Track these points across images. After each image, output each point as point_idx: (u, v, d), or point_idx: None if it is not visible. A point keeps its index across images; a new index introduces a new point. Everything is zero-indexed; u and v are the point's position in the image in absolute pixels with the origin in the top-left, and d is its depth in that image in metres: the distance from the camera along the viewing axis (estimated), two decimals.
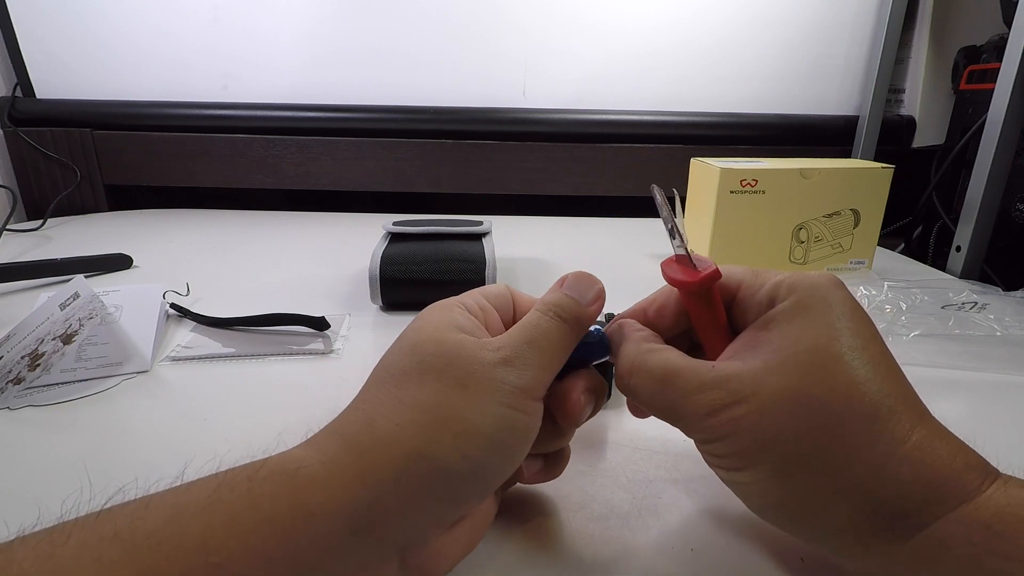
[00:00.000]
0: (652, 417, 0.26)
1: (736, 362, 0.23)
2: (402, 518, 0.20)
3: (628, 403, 0.27)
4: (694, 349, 0.27)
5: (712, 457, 0.23)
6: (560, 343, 0.24)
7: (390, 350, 0.24)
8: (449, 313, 0.25)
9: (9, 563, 0.16)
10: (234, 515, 0.18)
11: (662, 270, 0.26)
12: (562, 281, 0.26)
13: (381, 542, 0.20)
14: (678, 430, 0.27)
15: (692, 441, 0.28)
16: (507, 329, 0.25)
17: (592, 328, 0.26)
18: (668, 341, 0.26)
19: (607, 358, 0.26)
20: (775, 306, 0.23)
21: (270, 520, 0.18)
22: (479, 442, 0.21)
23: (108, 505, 0.18)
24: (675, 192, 0.26)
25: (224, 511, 0.18)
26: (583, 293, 0.25)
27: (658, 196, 0.25)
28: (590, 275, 0.26)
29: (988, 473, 0.20)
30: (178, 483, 0.20)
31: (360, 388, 0.24)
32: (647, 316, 0.27)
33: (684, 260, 0.25)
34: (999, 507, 0.19)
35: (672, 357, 0.24)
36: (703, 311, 0.25)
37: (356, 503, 0.19)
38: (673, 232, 0.25)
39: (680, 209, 0.25)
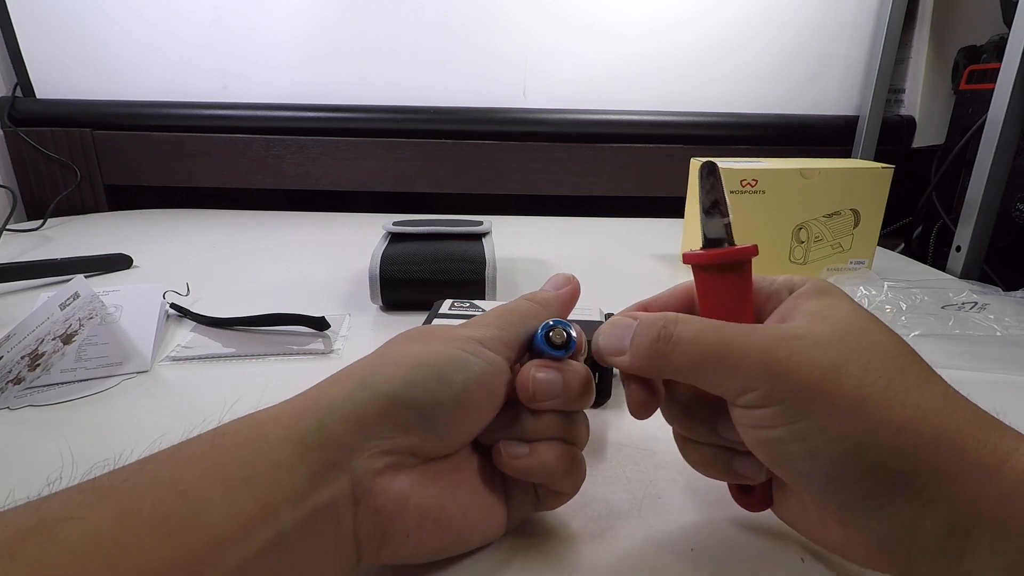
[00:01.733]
0: (652, 418, 0.26)
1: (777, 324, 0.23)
2: (345, 437, 0.21)
3: (629, 403, 0.25)
4: None
5: (756, 411, 0.21)
6: (521, 313, 0.26)
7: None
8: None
9: None
10: (200, 453, 0.20)
11: (685, 258, 0.25)
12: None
13: (330, 463, 0.21)
14: (676, 429, 0.27)
15: None
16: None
17: (555, 321, 0.26)
18: None
19: (571, 350, 0.25)
20: (794, 292, 0.24)
21: (231, 451, 0.20)
22: (420, 370, 0.23)
23: None
24: (717, 165, 0.25)
25: (191, 452, 0.20)
26: (555, 283, 0.29)
27: (707, 171, 0.25)
28: (563, 273, 0.29)
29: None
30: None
31: None
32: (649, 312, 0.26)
33: (716, 243, 0.25)
34: None
35: (706, 321, 0.23)
36: (733, 295, 0.24)
37: (304, 427, 0.21)
38: (713, 210, 0.25)
39: (725, 185, 0.25)
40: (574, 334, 0.25)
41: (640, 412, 0.25)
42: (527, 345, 0.26)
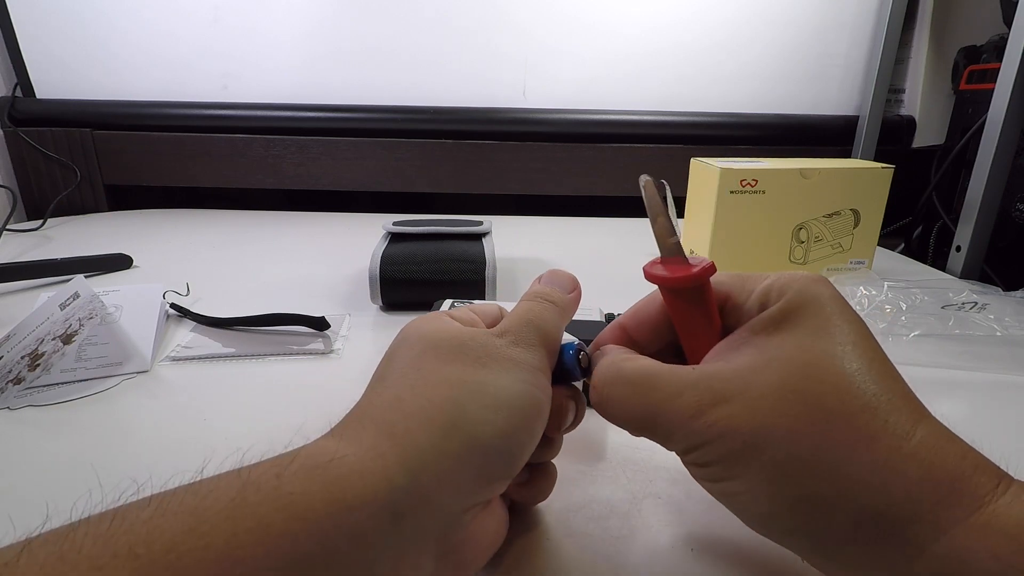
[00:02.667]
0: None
1: (719, 362, 0.22)
2: (439, 497, 0.19)
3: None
4: (679, 361, 0.25)
5: (698, 468, 0.22)
6: (554, 323, 0.25)
7: (394, 344, 0.24)
8: (446, 316, 0.25)
9: None
10: (261, 517, 0.16)
11: (645, 273, 0.24)
12: (538, 279, 0.27)
13: (419, 528, 0.19)
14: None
15: None
16: None
17: (568, 343, 0.26)
18: (652, 356, 0.24)
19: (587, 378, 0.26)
20: (767, 305, 0.22)
21: (302, 518, 0.17)
22: (507, 413, 0.21)
23: (119, 503, 0.17)
24: (664, 183, 0.24)
25: (250, 514, 0.16)
26: (561, 284, 0.27)
27: (646, 189, 0.23)
28: (563, 271, 0.27)
29: (1001, 477, 0.18)
30: (197, 478, 0.18)
31: (365, 389, 0.24)
32: (627, 332, 0.26)
33: (674, 259, 0.23)
34: (1022, 516, 0.17)
35: (649, 363, 0.23)
36: (694, 315, 0.24)
37: (395, 489, 0.18)
38: (663, 227, 0.23)
39: (671, 201, 0.25)
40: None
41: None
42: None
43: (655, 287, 0.25)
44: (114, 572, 0.15)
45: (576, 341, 0.26)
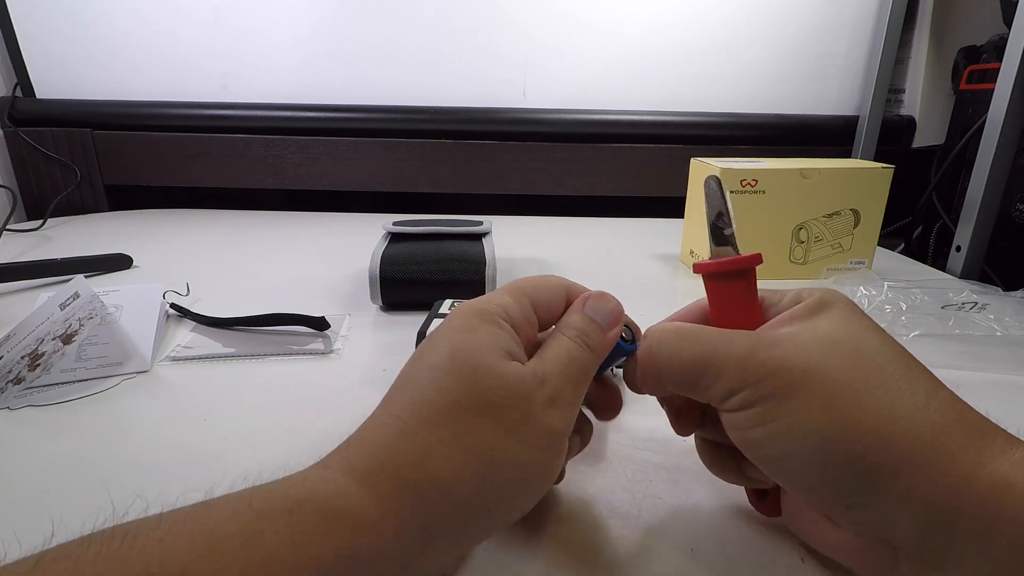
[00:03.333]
0: (651, 418, 0.26)
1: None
2: (445, 556, 0.21)
3: (627, 375, 0.26)
4: None
5: (740, 412, 0.22)
6: (588, 375, 0.24)
7: (435, 361, 0.22)
8: (495, 330, 0.23)
9: None
10: (273, 552, 0.17)
11: (695, 268, 0.27)
12: (583, 301, 0.26)
13: (432, 565, 0.20)
14: (674, 431, 0.27)
15: (691, 441, 0.28)
16: (546, 328, 0.26)
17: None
18: None
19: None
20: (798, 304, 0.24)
21: (316, 559, 0.17)
22: (524, 489, 0.22)
23: (128, 520, 0.17)
24: (720, 180, 0.27)
25: (264, 548, 0.17)
26: (605, 317, 0.25)
27: (708, 186, 0.27)
28: (609, 297, 0.26)
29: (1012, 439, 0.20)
30: (202, 497, 0.19)
31: (388, 391, 0.23)
32: None
33: (724, 252, 0.26)
34: None
35: (700, 326, 0.24)
36: (738, 305, 0.26)
37: (409, 548, 0.19)
38: (719, 221, 0.26)
39: (729, 196, 0.27)
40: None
41: (640, 384, 0.26)
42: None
43: (653, 288, 0.25)
44: None
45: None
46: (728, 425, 0.23)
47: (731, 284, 0.26)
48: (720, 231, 0.26)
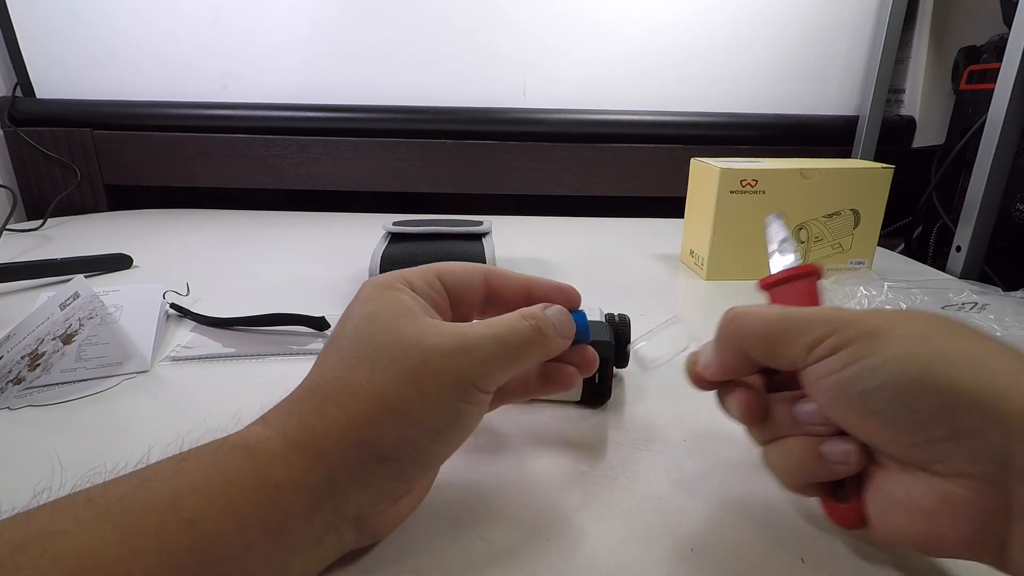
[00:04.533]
0: (651, 418, 0.26)
1: None
2: (354, 493, 0.22)
3: (691, 373, 0.27)
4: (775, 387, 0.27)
5: (833, 355, 0.21)
6: (529, 352, 0.25)
7: (341, 332, 0.25)
8: (396, 295, 0.25)
9: None
10: (202, 480, 0.19)
11: (760, 284, 0.28)
12: (546, 306, 0.27)
13: (337, 511, 0.21)
14: (678, 431, 0.27)
15: (691, 441, 0.28)
16: (465, 314, 0.29)
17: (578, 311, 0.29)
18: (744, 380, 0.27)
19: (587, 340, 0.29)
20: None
21: (238, 484, 0.19)
22: (425, 434, 0.23)
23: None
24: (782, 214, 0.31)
25: (191, 477, 0.19)
26: (563, 328, 0.27)
27: (775, 220, 0.30)
28: (570, 315, 0.28)
29: None
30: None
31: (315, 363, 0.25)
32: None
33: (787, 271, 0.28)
34: None
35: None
36: (806, 303, 0.27)
37: (316, 478, 0.21)
38: (785, 245, 0.29)
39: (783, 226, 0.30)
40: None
41: (704, 381, 0.27)
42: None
43: (652, 288, 0.26)
44: (73, 513, 0.17)
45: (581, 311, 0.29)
46: (816, 375, 0.22)
47: (797, 288, 0.27)
48: (788, 252, 0.29)
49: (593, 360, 0.29)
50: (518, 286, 0.29)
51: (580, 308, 0.29)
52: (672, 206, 0.81)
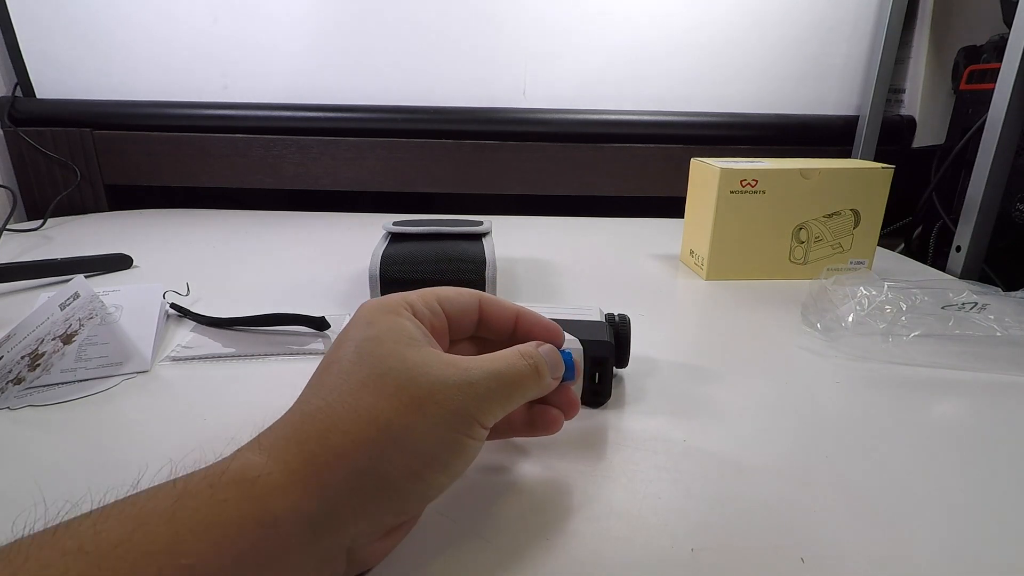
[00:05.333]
0: (652, 417, 0.26)
1: None
2: (354, 525, 0.21)
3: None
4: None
5: None
6: (524, 391, 0.26)
7: (341, 354, 0.24)
8: (396, 319, 0.25)
9: None
10: (200, 520, 0.18)
11: None
12: (539, 344, 0.28)
13: (335, 544, 0.21)
14: (678, 431, 0.27)
15: (691, 441, 0.28)
16: (458, 338, 0.29)
17: (565, 350, 0.29)
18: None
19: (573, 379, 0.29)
20: None
21: (237, 523, 0.19)
22: (428, 463, 0.22)
23: (61, 520, 0.18)
24: None
25: (189, 517, 0.18)
26: (555, 368, 0.28)
27: None
28: (560, 355, 0.28)
29: None
30: (136, 490, 0.20)
31: (306, 386, 0.25)
32: None
33: None
34: None
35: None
36: None
37: (316, 510, 0.20)
38: None
39: None
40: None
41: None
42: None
43: (652, 288, 0.26)
44: (63, 567, 0.16)
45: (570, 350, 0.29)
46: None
47: None
48: None
49: (576, 403, 0.29)
50: (508, 315, 0.30)
51: (564, 347, 0.30)
52: (672, 206, 0.81)
